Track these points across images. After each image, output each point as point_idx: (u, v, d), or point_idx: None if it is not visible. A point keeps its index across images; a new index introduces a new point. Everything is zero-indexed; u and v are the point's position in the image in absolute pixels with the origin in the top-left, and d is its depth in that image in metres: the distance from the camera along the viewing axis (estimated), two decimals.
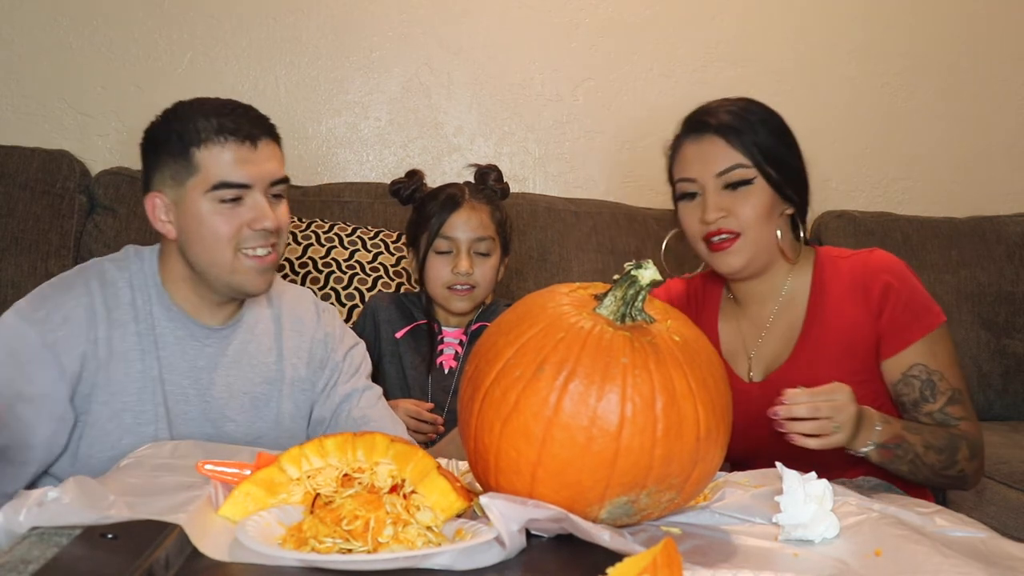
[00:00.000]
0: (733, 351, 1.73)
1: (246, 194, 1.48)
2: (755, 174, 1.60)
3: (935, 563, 1.03)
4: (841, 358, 1.61)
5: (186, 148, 1.46)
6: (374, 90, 2.70)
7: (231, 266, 1.49)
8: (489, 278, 1.92)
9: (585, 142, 2.78)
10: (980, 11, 2.92)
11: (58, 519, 0.97)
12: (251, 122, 1.50)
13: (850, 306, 1.62)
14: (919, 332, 1.58)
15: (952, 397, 1.58)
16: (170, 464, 1.28)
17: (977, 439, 1.57)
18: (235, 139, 1.47)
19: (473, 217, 1.89)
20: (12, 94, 2.54)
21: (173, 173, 1.48)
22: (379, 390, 1.71)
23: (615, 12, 2.77)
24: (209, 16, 2.60)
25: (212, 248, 1.48)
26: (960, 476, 1.55)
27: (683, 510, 1.19)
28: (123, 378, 1.50)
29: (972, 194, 2.93)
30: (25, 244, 2.25)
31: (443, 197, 1.91)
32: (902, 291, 1.60)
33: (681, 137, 1.69)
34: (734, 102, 1.67)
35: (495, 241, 1.93)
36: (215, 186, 1.46)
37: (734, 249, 1.61)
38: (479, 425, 1.11)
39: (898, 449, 1.47)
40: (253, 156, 1.48)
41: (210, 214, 1.47)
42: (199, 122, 1.47)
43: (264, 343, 1.62)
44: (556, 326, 1.11)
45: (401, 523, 1.02)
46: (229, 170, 1.46)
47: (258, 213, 1.48)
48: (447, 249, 1.89)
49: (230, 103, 1.52)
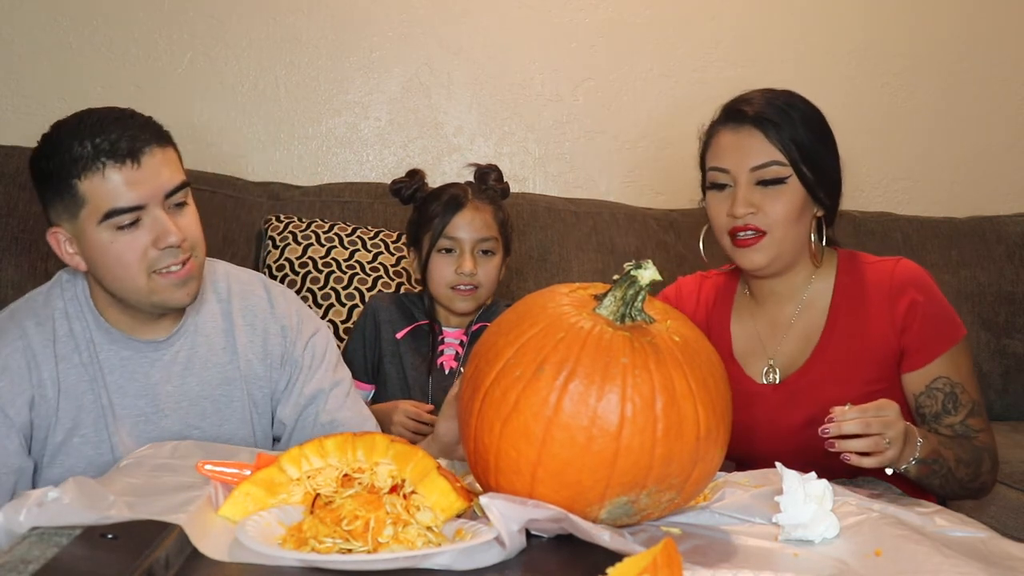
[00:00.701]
0: (748, 350, 1.70)
1: (142, 214, 1.38)
2: (790, 172, 1.57)
3: (935, 563, 1.03)
4: (860, 365, 1.60)
5: (68, 181, 1.37)
6: (374, 90, 2.70)
7: (147, 288, 1.41)
8: (492, 278, 1.92)
9: (585, 142, 2.78)
10: (980, 11, 2.92)
11: (58, 519, 0.97)
12: (131, 135, 1.38)
13: (873, 315, 1.61)
14: (944, 346, 1.58)
15: (972, 410, 1.57)
16: (170, 464, 1.28)
17: (995, 450, 1.58)
18: (114, 161, 1.35)
19: (477, 217, 1.89)
20: (12, 94, 2.54)
21: (64, 207, 1.40)
22: (348, 384, 1.65)
23: (615, 12, 2.77)
24: (209, 16, 2.60)
25: (123, 276, 1.40)
26: (981, 487, 1.56)
27: (683, 510, 1.19)
28: (77, 412, 1.47)
29: (972, 194, 2.93)
30: (25, 244, 2.25)
31: (446, 197, 1.91)
32: (928, 307, 1.59)
33: (718, 124, 1.65)
34: (777, 94, 1.63)
35: (498, 241, 1.93)
36: (106, 215, 1.37)
37: (758, 247, 1.58)
38: (479, 425, 1.11)
39: (935, 464, 1.45)
40: (139, 175, 1.36)
41: (110, 243, 1.38)
42: (74, 149, 1.36)
43: (216, 343, 1.56)
44: (556, 326, 1.11)
45: (401, 523, 1.02)
46: (116, 195, 1.36)
47: (159, 231, 1.39)
48: (450, 249, 1.89)
49: (108, 115, 1.40)
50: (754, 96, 1.63)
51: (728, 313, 1.75)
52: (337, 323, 2.21)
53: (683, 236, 2.60)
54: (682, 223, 2.62)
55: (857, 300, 1.63)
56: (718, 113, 1.67)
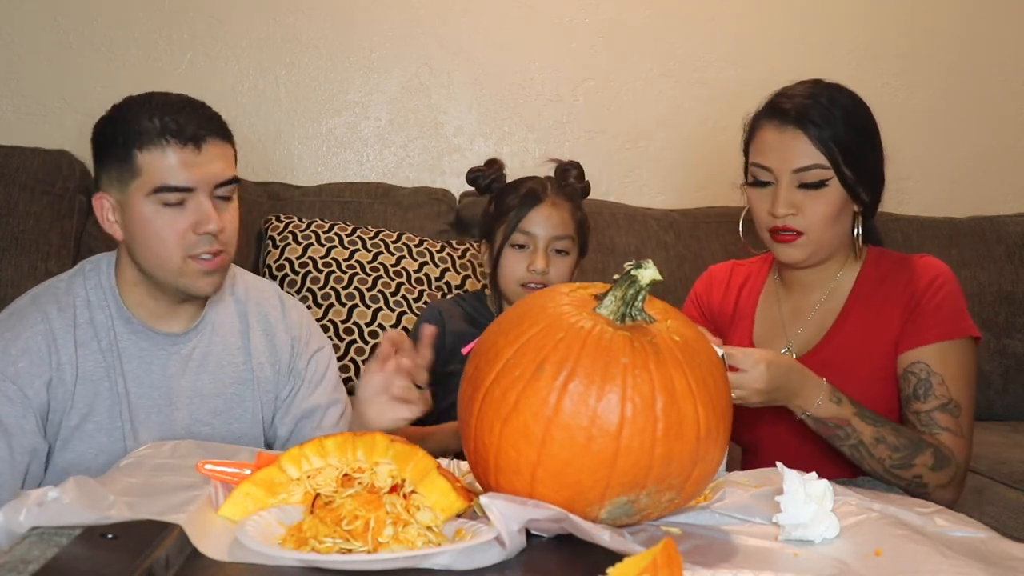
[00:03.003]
0: (769, 335, 1.73)
1: (189, 197, 1.44)
2: (831, 175, 1.58)
3: (935, 563, 1.03)
4: (866, 354, 1.62)
5: (128, 150, 1.43)
6: (374, 90, 2.70)
7: (178, 269, 1.45)
8: (564, 278, 1.83)
9: (585, 142, 2.78)
10: (980, 11, 2.92)
11: (58, 519, 0.97)
12: (197, 122, 1.44)
13: (889, 306, 1.62)
14: (937, 336, 1.58)
15: (946, 405, 1.56)
16: (170, 464, 1.28)
17: (953, 456, 1.54)
18: (177, 141, 1.42)
19: (554, 214, 1.83)
20: (12, 94, 2.54)
21: (118, 175, 1.45)
22: (344, 405, 1.64)
23: (615, 12, 2.77)
24: (209, 16, 2.60)
25: (158, 251, 1.45)
26: (917, 481, 1.53)
27: (683, 510, 1.19)
28: (93, 398, 1.49)
29: (972, 194, 2.93)
30: (25, 244, 2.25)
31: (524, 191, 1.85)
32: (935, 296, 1.60)
33: (762, 118, 1.65)
34: (822, 90, 1.63)
35: (574, 241, 1.86)
36: (156, 189, 1.42)
37: (797, 244, 1.61)
38: (479, 425, 1.11)
39: (839, 430, 1.50)
40: (196, 159, 1.43)
41: (153, 217, 1.43)
42: (142, 123, 1.42)
43: (232, 343, 1.59)
44: (556, 326, 1.11)
45: (401, 523, 1.02)
46: (170, 173, 1.42)
47: (201, 216, 1.44)
48: (524, 245, 1.83)
49: (180, 101, 1.47)
50: (799, 91, 1.63)
51: (756, 298, 1.78)
52: (337, 323, 2.21)
53: (683, 236, 2.60)
54: (682, 223, 2.63)
55: (876, 291, 1.65)
56: (764, 105, 1.67)
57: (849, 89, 1.66)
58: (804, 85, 1.65)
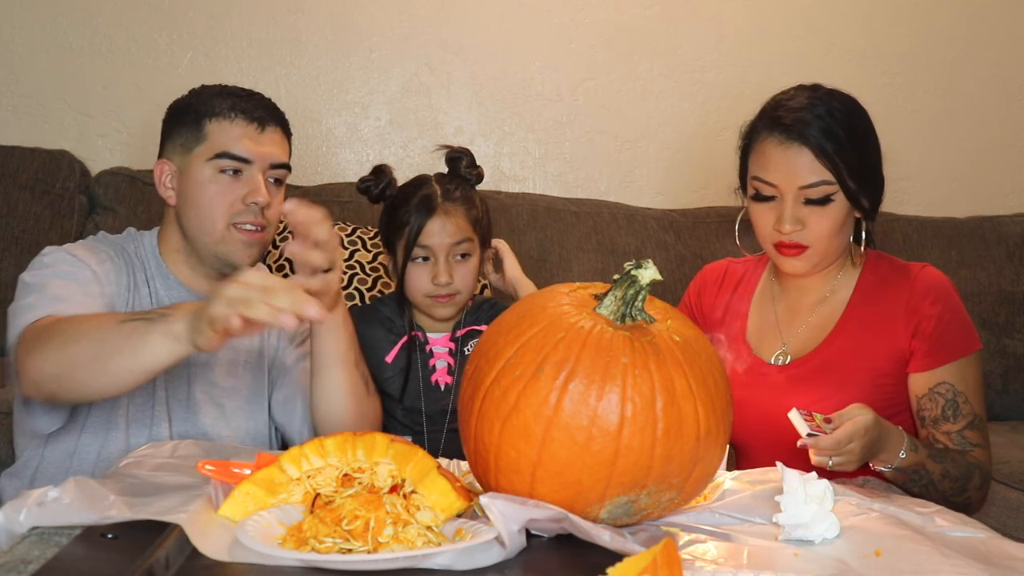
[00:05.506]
0: (763, 334, 1.73)
1: (246, 169, 1.57)
2: (836, 189, 1.58)
3: (935, 563, 1.03)
4: (867, 359, 1.62)
5: (199, 119, 1.58)
6: (374, 90, 2.70)
7: (221, 236, 1.57)
8: (470, 281, 1.84)
9: (585, 142, 2.78)
10: (980, 11, 2.92)
11: (58, 519, 0.97)
12: (264, 109, 1.61)
13: (890, 314, 1.62)
14: (954, 354, 1.59)
15: (972, 422, 1.58)
16: (170, 464, 1.28)
17: (988, 469, 1.59)
18: (244, 118, 1.58)
19: (449, 223, 1.80)
20: (12, 94, 2.54)
21: (184, 141, 1.59)
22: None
23: (615, 12, 2.77)
24: (209, 16, 2.60)
25: (207, 215, 1.57)
26: (966, 503, 1.56)
27: (683, 510, 1.19)
28: None
29: (972, 194, 2.93)
30: (25, 244, 2.25)
31: (416, 200, 1.82)
32: (945, 314, 1.60)
33: (763, 131, 1.62)
34: (821, 99, 1.61)
35: (473, 241, 1.84)
36: (218, 155, 1.56)
37: (802, 257, 1.61)
38: (479, 425, 1.11)
39: (914, 475, 1.50)
40: (259, 136, 1.58)
41: (209, 181, 1.56)
42: (216, 100, 1.59)
43: None
44: (556, 326, 1.11)
45: (401, 523, 1.02)
46: (233, 143, 1.56)
47: (253, 187, 1.56)
48: (425, 256, 1.81)
49: (252, 93, 1.63)
50: (797, 102, 1.61)
51: (749, 297, 1.78)
52: None
53: (683, 236, 2.60)
54: (682, 223, 2.63)
55: (877, 297, 1.65)
56: (760, 114, 1.65)
57: (844, 94, 1.65)
58: (802, 94, 1.63)
